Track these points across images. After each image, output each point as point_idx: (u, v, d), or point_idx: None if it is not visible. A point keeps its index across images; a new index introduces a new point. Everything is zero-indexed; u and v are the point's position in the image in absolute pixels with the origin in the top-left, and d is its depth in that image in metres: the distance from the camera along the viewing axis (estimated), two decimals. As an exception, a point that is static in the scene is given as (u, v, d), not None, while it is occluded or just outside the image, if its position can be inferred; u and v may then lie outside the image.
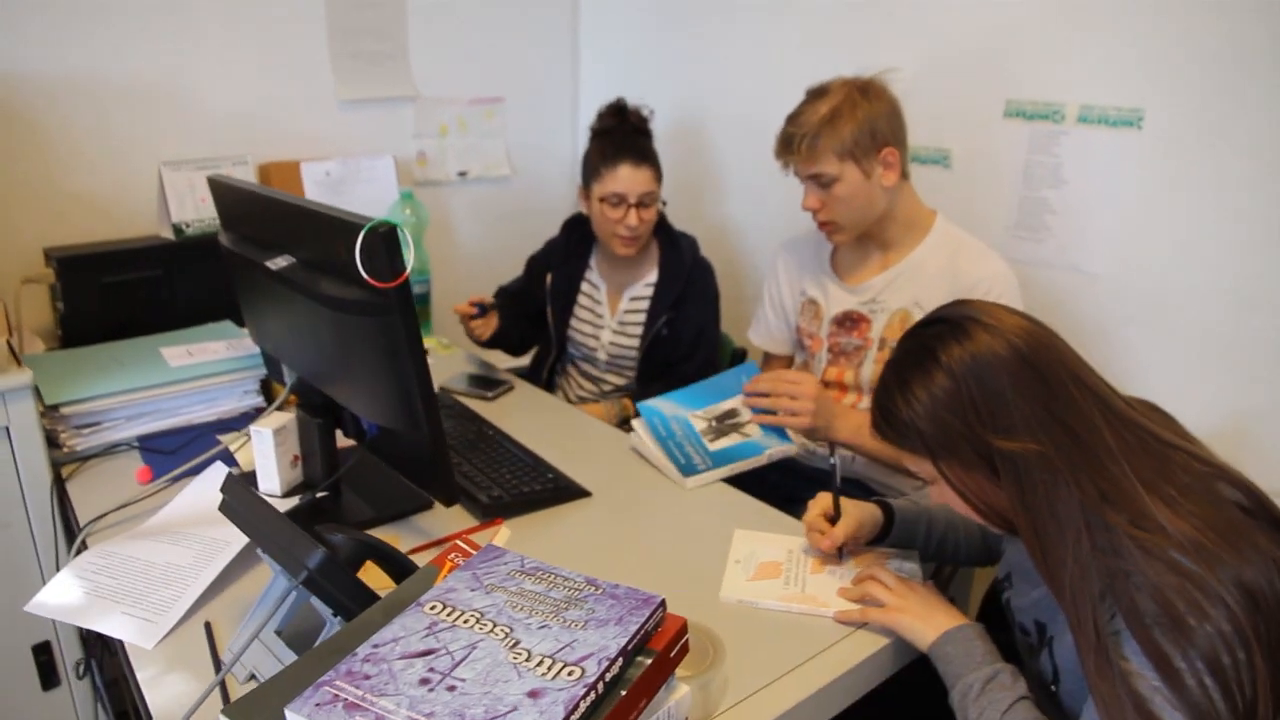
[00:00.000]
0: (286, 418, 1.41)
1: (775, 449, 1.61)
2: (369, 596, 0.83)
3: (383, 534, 1.33)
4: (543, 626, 0.76)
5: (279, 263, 1.25)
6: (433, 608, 0.79)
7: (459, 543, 0.93)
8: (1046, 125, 2.02)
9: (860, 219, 1.69)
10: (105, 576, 1.17)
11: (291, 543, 0.84)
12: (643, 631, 0.77)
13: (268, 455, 1.37)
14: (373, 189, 2.28)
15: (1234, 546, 0.90)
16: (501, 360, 2.54)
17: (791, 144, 1.63)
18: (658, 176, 1.98)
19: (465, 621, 0.77)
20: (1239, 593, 0.87)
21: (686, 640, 0.82)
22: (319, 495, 1.32)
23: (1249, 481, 0.99)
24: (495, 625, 0.76)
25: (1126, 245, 1.94)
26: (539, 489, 1.43)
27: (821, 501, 1.30)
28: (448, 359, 2.15)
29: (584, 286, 2.13)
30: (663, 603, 0.81)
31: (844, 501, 1.28)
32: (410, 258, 1.05)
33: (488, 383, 1.95)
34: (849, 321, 1.78)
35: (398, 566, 0.91)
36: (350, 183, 2.25)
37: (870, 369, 1.75)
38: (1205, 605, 0.87)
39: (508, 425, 1.71)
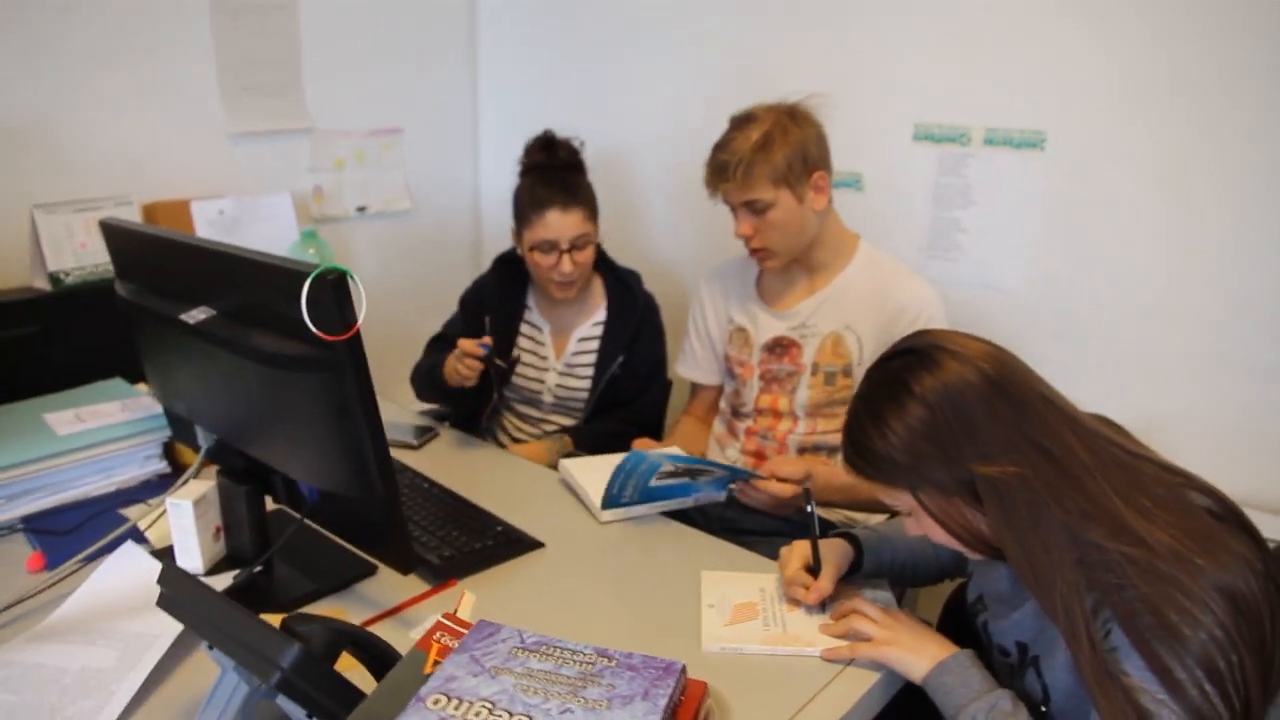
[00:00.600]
0: (206, 486, 1.27)
1: (703, 495, 1.57)
2: (353, 694, 0.74)
3: (327, 608, 1.22)
4: (565, 711, 0.69)
5: (196, 315, 1.13)
6: (436, 701, 0.70)
7: (443, 620, 0.84)
8: (954, 148, 2.08)
9: (794, 244, 1.68)
10: (5, 693, 1.00)
11: (259, 640, 0.73)
12: (672, 704, 0.71)
13: (187, 530, 1.24)
14: (271, 228, 2.13)
15: (1211, 553, 0.92)
16: (418, 404, 2.42)
17: (726, 171, 1.61)
18: (591, 215, 1.88)
19: (478, 714, 0.69)
20: (1222, 598, 0.90)
21: (710, 706, 0.76)
22: (255, 571, 1.19)
23: (1214, 487, 1.02)
24: (512, 715, 0.69)
25: (1035, 262, 2.01)
26: (490, 544, 1.34)
27: (799, 552, 1.26)
28: (363, 406, 2.02)
29: (523, 328, 2.01)
30: (683, 669, 0.75)
31: (821, 546, 1.25)
32: (363, 306, 0.96)
33: (413, 430, 1.84)
34: (779, 348, 1.77)
35: (378, 655, 0.82)
36: (247, 222, 2.10)
37: (804, 394, 1.74)
38: (1196, 612, 0.89)
39: (441, 475, 1.61)
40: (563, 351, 1.98)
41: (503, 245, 2.04)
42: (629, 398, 1.97)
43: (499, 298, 2.00)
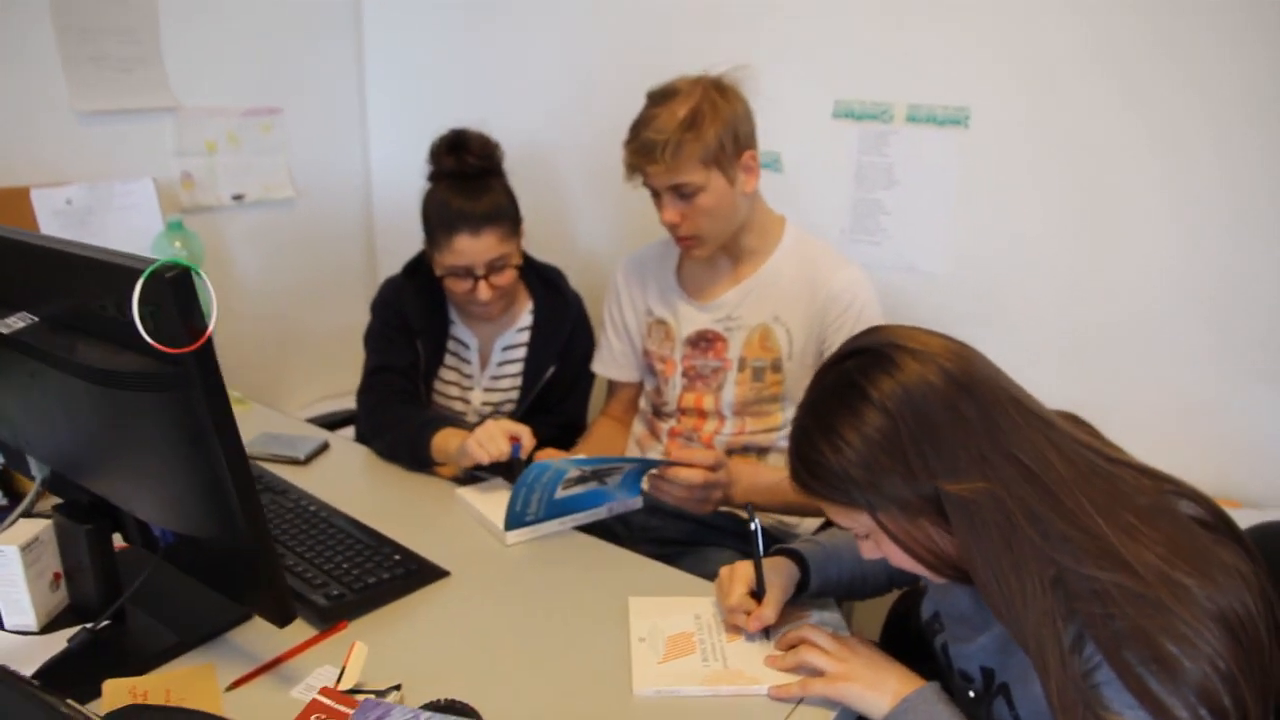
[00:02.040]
0: (39, 526, 1.07)
1: (618, 503, 1.43)
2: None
3: (193, 662, 1.04)
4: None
5: (12, 324, 0.93)
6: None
7: (321, 698, 0.68)
8: (876, 125, 1.99)
9: (723, 230, 1.55)
10: None
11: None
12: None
13: (14, 581, 1.03)
14: (130, 219, 1.89)
15: (1204, 573, 0.83)
16: (298, 411, 2.21)
17: (653, 152, 1.45)
18: (510, 231, 1.64)
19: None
20: (1218, 624, 0.80)
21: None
22: (99, 627, 0.99)
23: (1199, 492, 0.93)
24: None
25: (960, 243, 1.94)
26: (387, 578, 1.17)
27: (741, 576, 1.13)
28: (242, 416, 1.79)
29: (450, 345, 1.79)
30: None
31: (764, 566, 1.13)
32: (214, 310, 0.78)
33: (296, 442, 1.64)
34: (704, 342, 1.64)
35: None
36: (100, 212, 1.85)
37: (731, 391, 1.62)
38: (1192, 639, 0.79)
39: (330, 495, 1.42)
40: (487, 363, 1.79)
41: (397, 234, 1.83)
42: (556, 402, 1.81)
43: (422, 316, 1.74)
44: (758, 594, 1.11)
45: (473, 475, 1.56)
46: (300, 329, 2.44)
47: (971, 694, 1.01)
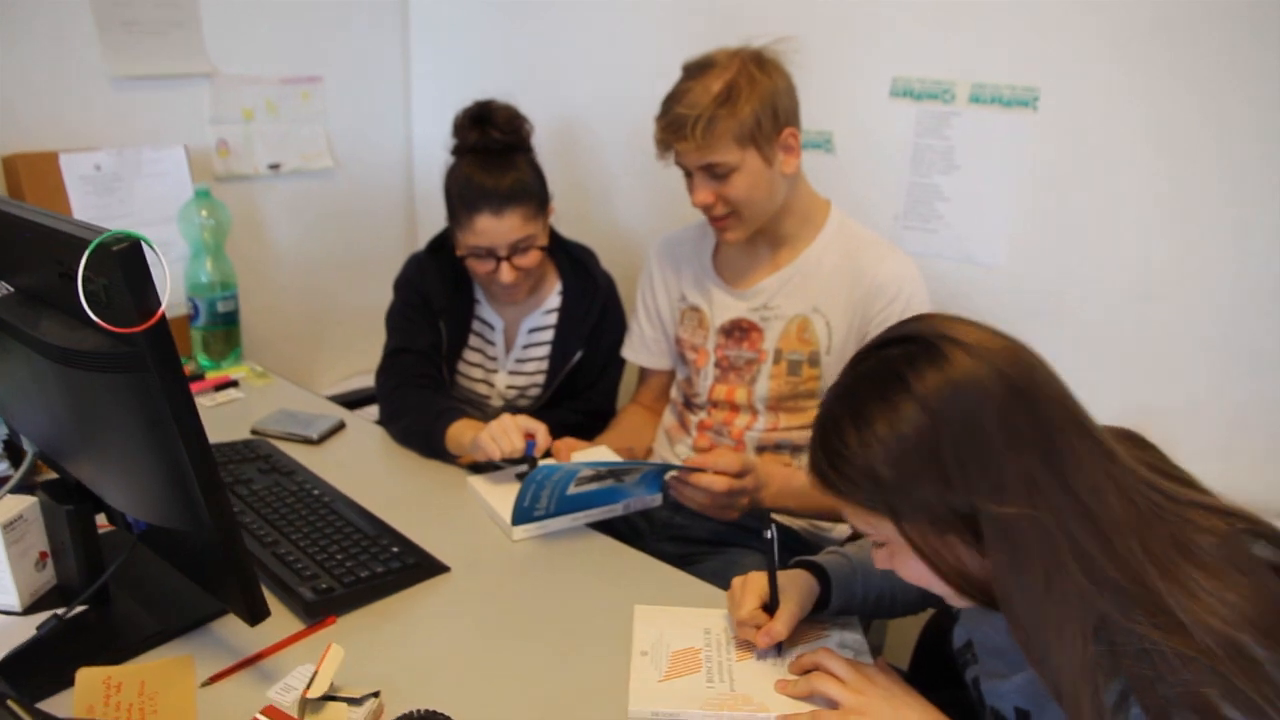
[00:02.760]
0: (24, 504, 1.03)
1: (635, 502, 1.34)
2: None
3: (174, 652, 0.99)
4: None
5: (-10, 293, 0.89)
6: None
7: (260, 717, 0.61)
8: (936, 105, 1.86)
9: (760, 213, 1.45)
10: None
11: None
12: None
13: (-5, 559, 1.00)
14: (159, 186, 1.85)
15: (1277, 638, 0.71)
16: (328, 388, 2.17)
17: (683, 128, 1.35)
18: (535, 211, 1.56)
19: None
20: None
21: None
22: (73, 612, 0.95)
23: (1275, 529, 0.81)
24: None
25: (1023, 234, 1.81)
26: (381, 571, 1.11)
27: (754, 588, 1.04)
28: (262, 391, 1.78)
29: (475, 326, 1.72)
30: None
31: (780, 579, 1.04)
32: (166, 287, 0.72)
33: (312, 421, 1.59)
34: (738, 331, 1.55)
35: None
36: (129, 179, 1.82)
37: (765, 385, 1.52)
38: (1265, 708, 0.68)
39: (339, 478, 1.37)
40: (512, 346, 1.72)
41: (438, 208, 1.75)
42: (584, 387, 1.73)
43: (446, 295, 1.68)
44: (770, 608, 1.02)
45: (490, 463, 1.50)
46: (335, 303, 2.40)
47: None
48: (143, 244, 0.69)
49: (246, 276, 2.05)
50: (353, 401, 1.95)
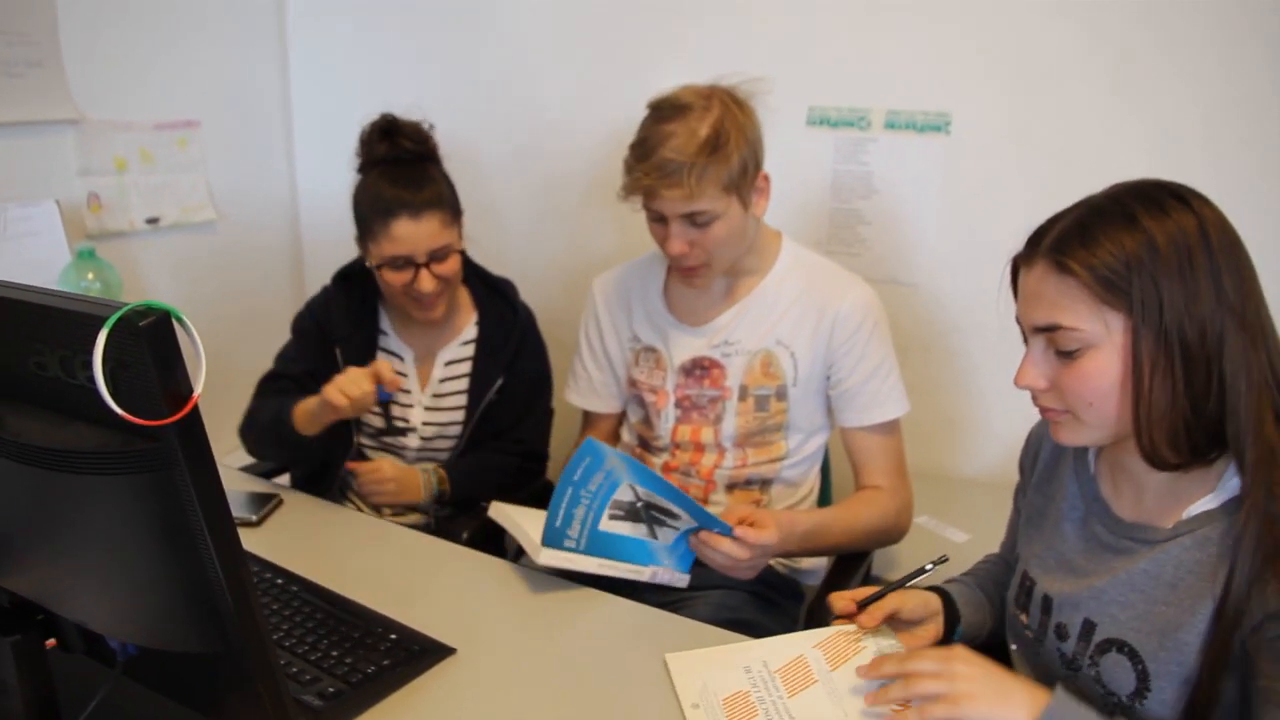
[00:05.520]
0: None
1: (664, 571, 1.25)
2: None
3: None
4: None
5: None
6: None
7: None
8: (853, 132, 1.90)
9: (732, 258, 1.42)
10: None
11: None
12: None
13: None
14: (31, 248, 1.64)
15: None
16: (233, 457, 1.98)
17: (678, 175, 1.29)
18: (451, 218, 1.53)
19: None
20: None
21: None
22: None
23: None
24: None
25: (941, 252, 1.88)
26: (387, 664, 0.99)
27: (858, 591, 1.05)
28: (174, 470, 1.58)
29: (381, 357, 1.64)
30: None
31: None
32: (201, 366, 0.61)
33: (245, 502, 1.43)
34: (699, 370, 1.50)
35: None
36: (-5, 241, 1.61)
37: (732, 422, 1.48)
38: None
39: (295, 562, 1.23)
40: (428, 380, 1.63)
41: (327, 257, 1.65)
42: (507, 425, 1.65)
43: (348, 323, 1.61)
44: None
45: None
46: (226, 364, 2.18)
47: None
48: (171, 317, 0.58)
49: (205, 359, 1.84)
50: (268, 471, 1.77)
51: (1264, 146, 1.60)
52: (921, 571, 1.04)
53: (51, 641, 0.86)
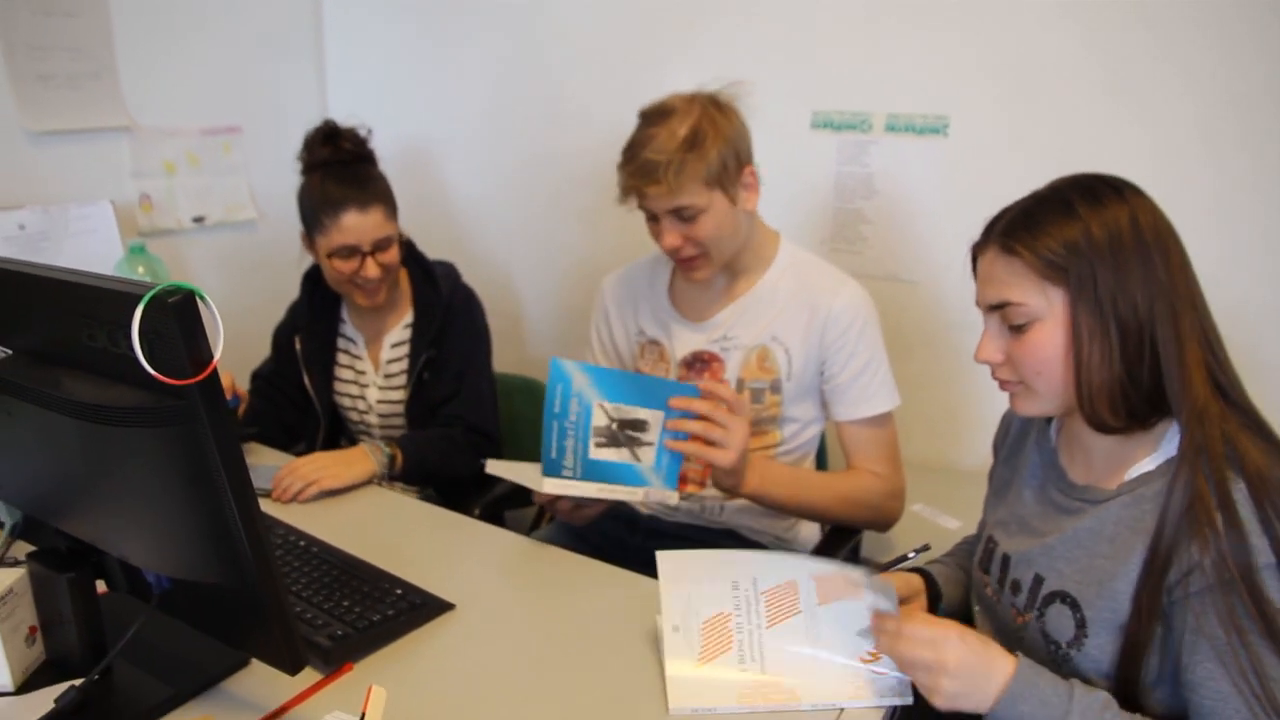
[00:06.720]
0: (13, 577, 0.99)
1: (655, 491, 1.34)
2: None
3: (189, 715, 0.96)
4: None
5: (-17, 358, 0.86)
6: None
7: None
8: (855, 135, 1.98)
9: (727, 250, 1.50)
10: None
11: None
12: None
13: (-14, 637, 0.95)
14: (89, 244, 1.80)
15: None
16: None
17: (655, 173, 1.38)
18: (391, 212, 1.70)
19: None
20: None
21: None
22: (84, 685, 0.92)
23: None
24: None
25: (940, 251, 1.94)
26: (391, 614, 1.11)
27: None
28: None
29: (340, 343, 1.83)
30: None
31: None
32: (220, 335, 0.72)
33: (265, 474, 1.55)
34: (699, 363, 1.60)
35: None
36: (56, 238, 1.76)
37: (730, 413, 1.57)
38: None
39: (313, 526, 1.35)
40: (379, 362, 1.81)
41: None
42: (442, 399, 1.77)
43: (309, 313, 1.81)
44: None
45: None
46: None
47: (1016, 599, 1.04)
48: (195, 296, 0.70)
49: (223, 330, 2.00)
50: (296, 453, 1.91)
51: (1259, 148, 1.63)
52: (904, 558, 1.10)
53: (100, 583, 1.00)
